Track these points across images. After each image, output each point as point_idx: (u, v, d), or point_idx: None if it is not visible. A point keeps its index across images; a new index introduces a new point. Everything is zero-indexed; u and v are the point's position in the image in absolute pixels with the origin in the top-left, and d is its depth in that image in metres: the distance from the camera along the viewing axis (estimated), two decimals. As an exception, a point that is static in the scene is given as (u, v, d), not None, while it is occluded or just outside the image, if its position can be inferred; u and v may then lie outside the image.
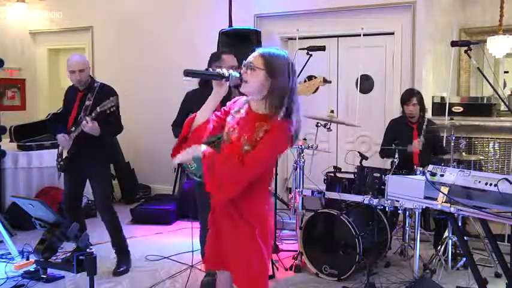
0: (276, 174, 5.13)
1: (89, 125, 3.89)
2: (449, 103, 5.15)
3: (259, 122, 2.23)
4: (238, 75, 2.26)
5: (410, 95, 4.59)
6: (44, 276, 3.90)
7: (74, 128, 4.07)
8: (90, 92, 4.11)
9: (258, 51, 2.27)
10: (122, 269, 4.21)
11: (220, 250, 2.38)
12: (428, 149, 4.51)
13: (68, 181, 4.28)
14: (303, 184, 4.34)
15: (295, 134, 2.25)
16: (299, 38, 5.95)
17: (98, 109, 3.90)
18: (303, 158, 4.31)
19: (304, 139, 4.33)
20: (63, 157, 4.18)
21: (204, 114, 2.32)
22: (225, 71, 2.26)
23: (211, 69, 2.32)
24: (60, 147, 4.24)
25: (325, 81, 3.30)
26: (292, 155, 4.53)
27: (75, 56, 4.15)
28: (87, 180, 4.35)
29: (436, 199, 2.58)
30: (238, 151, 2.21)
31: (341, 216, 3.98)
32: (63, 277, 4.00)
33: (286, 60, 2.25)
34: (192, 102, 3.90)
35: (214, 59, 3.80)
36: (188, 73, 2.23)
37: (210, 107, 2.32)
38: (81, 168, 4.17)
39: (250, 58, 2.26)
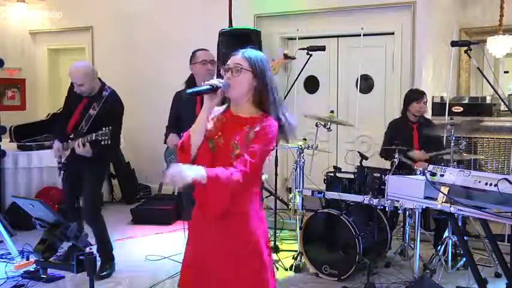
0: (276, 174, 5.13)
1: (80, 150, 3.81)
2: (449, 103, 5.15)
3: (248, 125, 2.19)
4: (225, 81, 2.21)
5: (421, 93, 4.60)
6: (44, 276, 3.90)
7: (73, 135, 3.99)
8: (96, 101, 3.95)
9: (240, 53, 2.24)
10: (105, 272, 4.08)
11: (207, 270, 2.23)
12: (428, 147, 4.51)
13: (65, 181, 4.27)
14: (303, 184, 4.34)
15: (290, 131, 2.27)
16: (299, 38, 5.95)
17: (93, 137, 3.73)
18: (303, 158, 4.31)
19: (304, 139, 4.34)
20: (62, 160, 4.12)
21: (198, 132, 2.20)
22: (216, 82, 2.19)
23: (203, 84, 2.21)
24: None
25: (287, 57, 3.20)
26: (292, 155, 4.53)
27: (73, 68, 3.92)
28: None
29: (436, 199, 2.58)
30: (227, 157, 2.16)
31: (341, 216, 3.98)
32: (63, 277, 4.00)
33: (265, 60, 2.27)
34: (179, 103, 3.92)
35: (191, 57, 3.82)
36: (191, 93, 2.23)
37: (203, 122, 2.21)
38: (77, 167, 4.14)
39: (234, 61, 2.22)
